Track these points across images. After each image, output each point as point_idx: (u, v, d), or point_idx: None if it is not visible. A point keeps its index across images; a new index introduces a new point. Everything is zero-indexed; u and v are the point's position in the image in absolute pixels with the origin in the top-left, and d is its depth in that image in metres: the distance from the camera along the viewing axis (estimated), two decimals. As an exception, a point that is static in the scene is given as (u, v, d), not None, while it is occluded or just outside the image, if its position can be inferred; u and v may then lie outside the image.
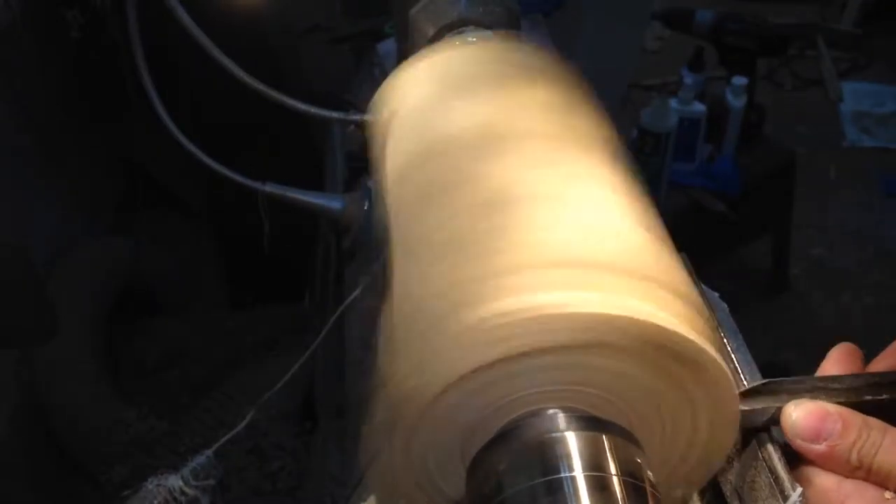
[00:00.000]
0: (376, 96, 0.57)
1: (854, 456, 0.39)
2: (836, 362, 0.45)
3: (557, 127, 0.48)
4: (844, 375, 0.43)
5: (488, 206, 0.42)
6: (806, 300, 2.33)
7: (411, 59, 0.57)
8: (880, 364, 0.45)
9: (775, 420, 0.41)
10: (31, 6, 1.46)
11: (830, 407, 0.40)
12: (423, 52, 0.57)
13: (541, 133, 0.47)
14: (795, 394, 0.42)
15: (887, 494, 0.39)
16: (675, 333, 0.36)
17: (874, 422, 0.40)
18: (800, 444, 0.40)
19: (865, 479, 0.39)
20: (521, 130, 0.47)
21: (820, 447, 0.40)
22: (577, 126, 0.49)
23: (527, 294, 0.36)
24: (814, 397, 0.42)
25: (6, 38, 1.42)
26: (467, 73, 0.54)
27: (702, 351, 0.37)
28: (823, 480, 0.40)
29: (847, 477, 0.40)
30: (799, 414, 0.40)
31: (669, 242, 0.44)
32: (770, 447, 0.42)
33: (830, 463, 0.40)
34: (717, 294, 0.56)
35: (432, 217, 0.44)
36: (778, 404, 0.42)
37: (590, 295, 0.36)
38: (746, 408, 0.42)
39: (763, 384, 0.43)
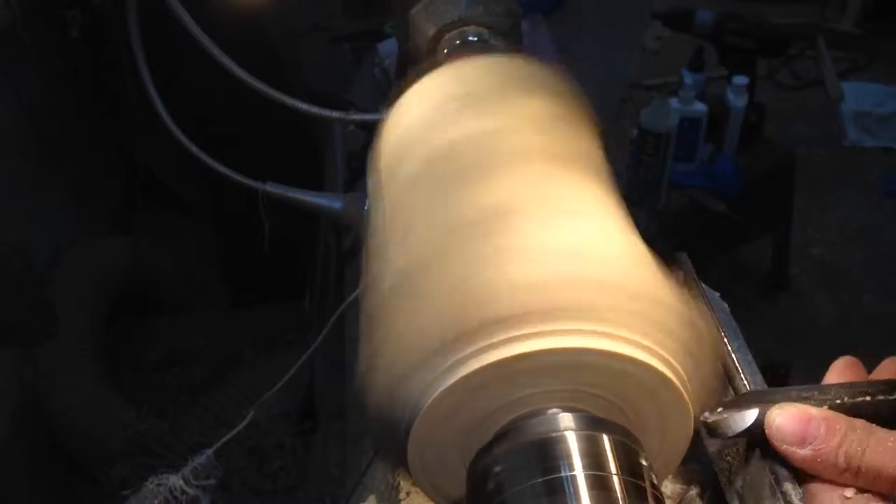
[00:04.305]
0: (384, 119, 0.57)
1: (841, 459, 0.38)
2: (839, 375, 0.45)
3: (550, 145, 0.48)
4: (830, 385, 0.42)
5: (476, 225, 0.42)
6: (806, 300, 2.33)
7: (411, 83, 0.56)
8: (881, 374, 0.44)
9: (759, 426, 0.41)
10: (31, 6, 1.46)
11: (814, 410, 0.40)
12: (424, 71, 0.56)
13: (537, 151, 0.47)
14: (779, 402, 0.41)
15: None
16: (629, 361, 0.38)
17: (859, 423, 0.39)
18: (785, 448, 0.40)
19: (854, 482, 0.38)
20: (514, 152, 0.47)
21: (805, 451, 0.39)
22: (566, 144, 0.49)
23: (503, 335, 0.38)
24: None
25: (6, 38, 1.42)
26: (459, 93, 0.53)
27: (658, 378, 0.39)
28: (830, 498, 0.39)
29: (836, 480, 0.39)
30: (782, 418, 0.40)
31: (651, 259, 0.45)
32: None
33: (817, 467, 0.39)
34: (717, 294, 0.56)
35: (431, 226, 0.44)
36: (762, 409, 0.41)
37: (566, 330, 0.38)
38: (729, 416, 0.41)
39: (747, 393, 0.43)
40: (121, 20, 0.96)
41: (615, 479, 0.37)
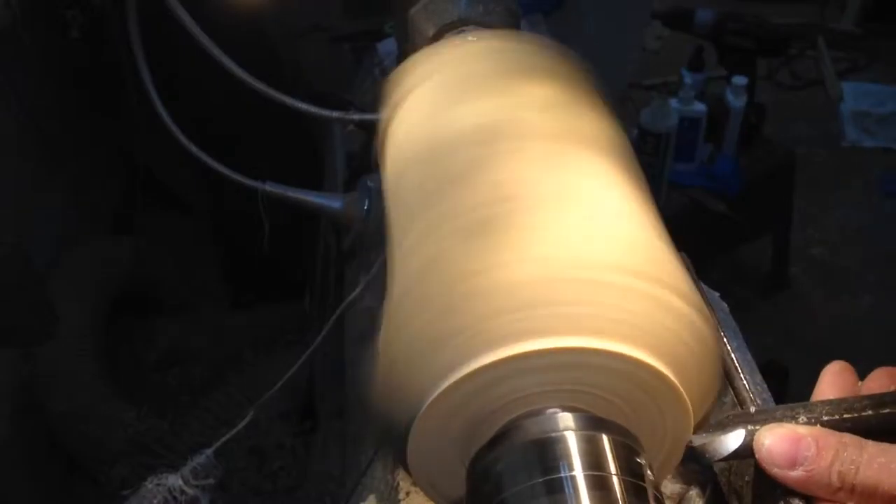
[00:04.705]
0: (382, 93, 0.56)
1: (834, 478, 0.37)
2: (831, 382, 0.44)
3: (560, 127, 0.48)
4: (816, 402, 0.42)
5: (476, 220, 0.42)
6: (806, 300, 2.33)
7: (414, 56, 0.56)
8: (872, 384, 0.44)
9: (747, 448, 0.40)
10: (31, 6, 1.46)
11: (802, 430, 0.39)
12: (426, 49, 0.56)
13: (543, 135, 0.46)
14: (766, 423, 0.40)
15: None
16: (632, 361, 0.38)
17: (849, 438, 0.38)
18: (777, 472, 0.39)
19: (850, 500, 0.38)
20: (523, 132, 0.47)
21: (797, 473, 0.38)
22: (580, 126, 0.48)
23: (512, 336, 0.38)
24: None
25: (6, 38, 1.42)
26: (471, 72, 0.53)
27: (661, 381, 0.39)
28: None
29: (831, 499, 0.38)
30: (771, 440, 0.39)
31: (669, 242, 0.44)
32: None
33: (811, 487, 0.38)
34: (717, 294, 0.56)
35: (432, 223, 0.44)
36: (751, 431, 0.40)
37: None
38: (716, 438, 0.41)
39: (733, 415, 0.42)
40: (121, 20, 0.96)
41: (615, 479, 0.37)
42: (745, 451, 0.40)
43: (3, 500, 1.43)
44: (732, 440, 0.40)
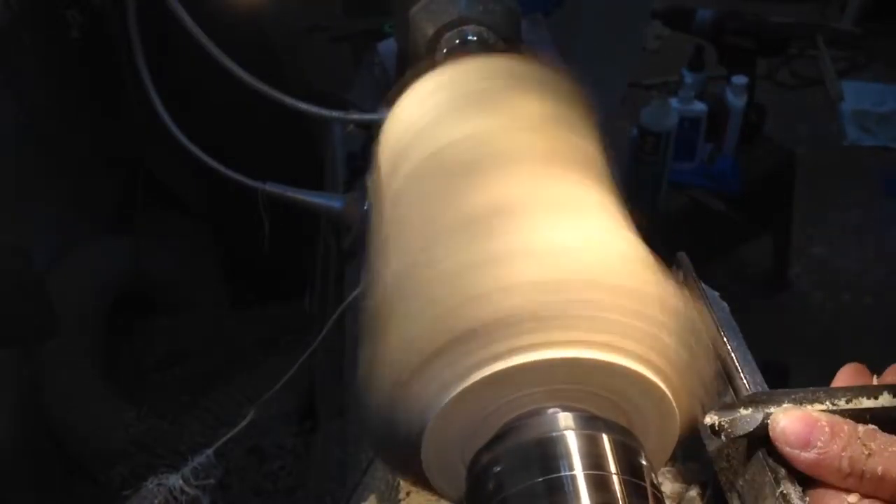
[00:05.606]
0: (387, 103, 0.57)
1: (844, 463, 0.38)
2: (846, 382, 0.45)
3: (548, 146, 0.48)
4: (836, 388, 0.42)
5: (475, 226, 0.42)
6: (806, 300, 2.33)
7: (409, 82, 0.56)
8: (887, 379, 0.45)
9: (764, 428, 0.41)
10: (31, 6, 1.46)
11: (818, 414, 0.40)
12: (422, 71, 0.57)
13: (532, 153, 0.47)
14: (784, 404, 0.41)
15: None
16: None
17: (863, 427, 0.39)
18: (788, 451, 0.40)
19: (858, 488, 0.38)
20: (515, 150, 0.47)
21: (809, 455, 0.39)
22: (565, 145, 0.49)
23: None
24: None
25: (6, 38, 1.42)
26: (464, 92, 0.54)
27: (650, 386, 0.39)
28: None
29: (839, 485, 0.39)
30: (787, 421, 0.40)
31: (650, 259, 0.45)
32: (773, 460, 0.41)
33: (821, 471, 0.39)
34: (717, 294, 0.56)
35: (429, 234, 0.44)
36: (767, 411, 0.41)
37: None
38: (734, 416, 0.41)
39: (752, 395, 0.43)
40: (121, 20, 0.96)
41: (615, 479, 0.37)
42: (761, 431, 0.41)
43: (4, 500, 1.43)
44: (750, 419, 0.41)
